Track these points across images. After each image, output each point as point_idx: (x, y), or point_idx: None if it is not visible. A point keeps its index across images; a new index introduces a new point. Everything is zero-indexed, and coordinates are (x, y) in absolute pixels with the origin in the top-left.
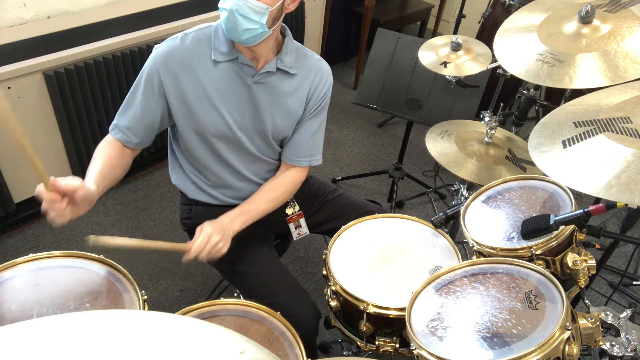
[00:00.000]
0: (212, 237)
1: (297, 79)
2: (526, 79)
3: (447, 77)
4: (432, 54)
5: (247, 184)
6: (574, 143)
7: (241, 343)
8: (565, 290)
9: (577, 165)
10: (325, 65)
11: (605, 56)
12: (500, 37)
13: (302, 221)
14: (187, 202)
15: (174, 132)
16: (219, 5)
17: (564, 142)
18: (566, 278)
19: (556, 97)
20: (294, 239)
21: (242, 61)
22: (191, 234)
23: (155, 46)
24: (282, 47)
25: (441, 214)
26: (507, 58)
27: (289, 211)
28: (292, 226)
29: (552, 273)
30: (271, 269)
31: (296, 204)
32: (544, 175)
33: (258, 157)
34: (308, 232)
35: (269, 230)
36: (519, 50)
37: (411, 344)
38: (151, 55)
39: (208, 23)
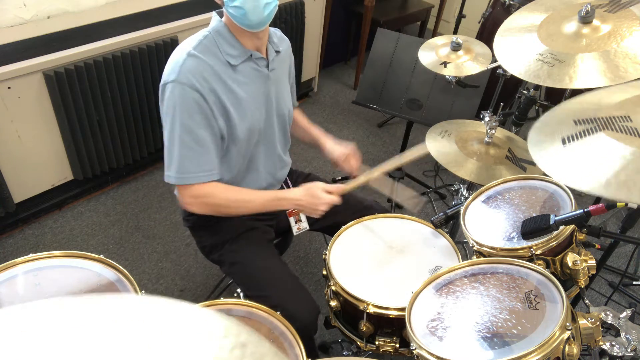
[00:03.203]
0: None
1: (282, 54)
2: (526, 79)
3: (447, 77)
4: (432, 54)
5: (257, 184)
6: (573, 140)
7: (242, 335)
8: (565, 290)
9: (576, 163)
10: (281, 32)
11: (605, 56)
12: (500, 37)
13: (303, 216)
14: None
15: None
16: (229, 3)
17: (563, 140)
18: (566, 278)
19: (556, 97)
20: (294, 233)
21: (255, 56)
22: (194, 230)
23: (171, 77)
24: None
25: (441, 214)
26: (507, 58)
27: None
28: (292, 220)
29: (552, 273)
30: (269, 261)
31: None
32: (544, 175)
33: (278, 154)
34: (308, 227)
35: (270, 225)
36: (519, 50)
37: (411, 344)
38: (179, 87)
39: (198, 34)
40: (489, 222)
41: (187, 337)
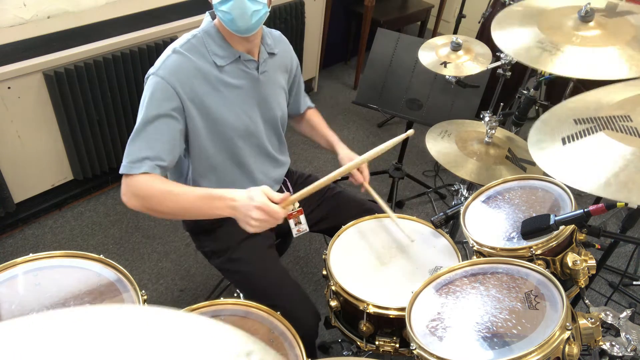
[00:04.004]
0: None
1: (278, 56)
2: (526, 63)
3: (447, 77)
4: (432, 54)
5: (253, 185)
6: (573, 140)
7: (248, 344)
8: (565, 290)
9: (576, 163)
10: (281, 34)
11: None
12: (501, 19)
13: (302, 218)
14: None
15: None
16: (217, 2)
17: (563, 139)
18: (566, 278)
19: (556, 97)
20: (294, 235)
21: (244, 58)
22: (193, 234)
23: (152, 70)
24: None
25: (441, 214)
26: (507, 42)
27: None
28: (292, 222)
29: (552, 273)
30: (272, 270)
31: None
32: (544, 175)
33: (271, 154)
34: (308, 230)
35: (270, 229)
36: (518, 35)
37: (411, 344)
38: (155, 79)
39: (188, 34)
40: (489, 222)
41: (191, 347)
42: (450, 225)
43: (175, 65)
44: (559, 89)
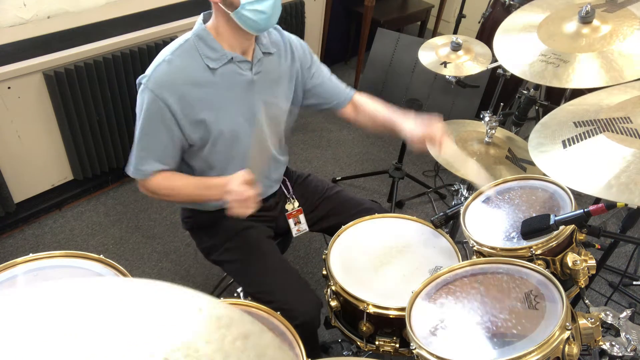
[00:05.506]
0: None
1: (276, 56)
2: (531, 80)
3: (447, 77)
4: (432, 54)
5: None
6: (574, 143)
7: (246, 325)
8: (565, 290)
9: (577, 165)
10: (292, 37)
11: (609, 55)
12: (500, 38)
13: (302, 217)
14: None
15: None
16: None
17: (564, 142)
18: (566, 278)
19: (556, 97)
20: (294, 235)
21: (237, 59)
22: (193, 232)
23: (144, 80)
24: None
25: (441, 214)
26: (509, 59)
27: (288, 207)
28: (291, 222)
29: (552, 273)
30: (270, 257)
31: (295, 200)
32: (544, 175)
33: (273, 155)
34: (307, 229)
35: (269, 227)
36: (520, 51)
37: (411, 344)
38: (146, 90)
39: (180, 38)
40: (489, 222)
41: (189, 326)
42: (450, 225)
43: (164, 75)
44: (559, 88)
